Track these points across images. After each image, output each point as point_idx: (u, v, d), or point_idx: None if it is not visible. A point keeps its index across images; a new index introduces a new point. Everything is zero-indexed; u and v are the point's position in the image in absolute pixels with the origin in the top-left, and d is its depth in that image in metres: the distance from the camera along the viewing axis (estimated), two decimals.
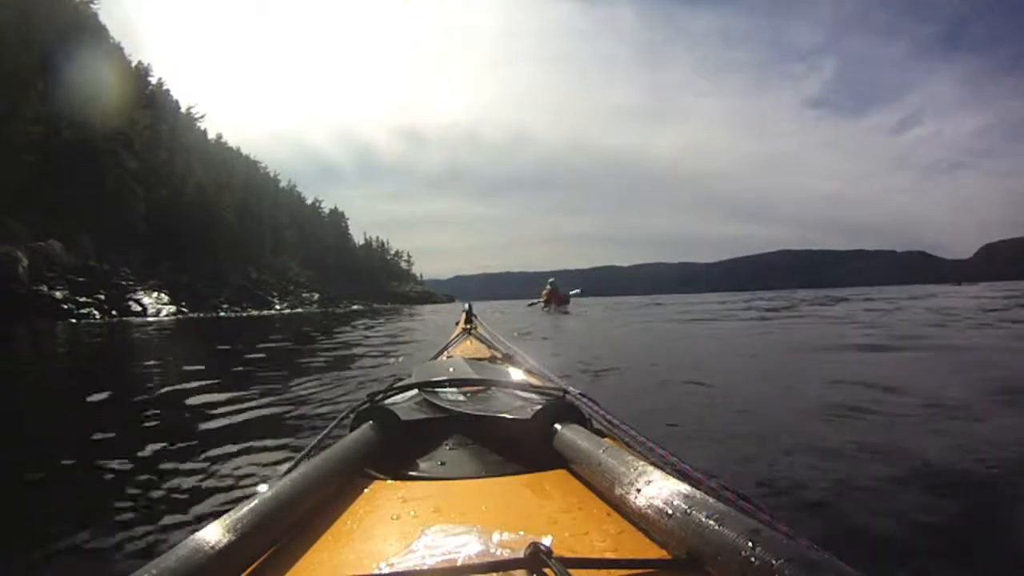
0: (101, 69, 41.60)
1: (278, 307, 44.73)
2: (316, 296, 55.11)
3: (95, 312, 24.70)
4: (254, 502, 0.54)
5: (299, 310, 43.85)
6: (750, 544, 0.41)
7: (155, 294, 30.47)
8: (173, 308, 30.18)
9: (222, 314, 33.83)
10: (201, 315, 30.33)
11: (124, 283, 30.23)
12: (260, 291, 47.11)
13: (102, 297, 26.31)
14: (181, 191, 46.92)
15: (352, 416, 0.86)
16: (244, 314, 34.91)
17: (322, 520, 0.60)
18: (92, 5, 47.82)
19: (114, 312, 25.83)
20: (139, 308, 27.61)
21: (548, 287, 18.68)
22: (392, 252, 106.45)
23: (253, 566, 0.50)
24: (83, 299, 25.10)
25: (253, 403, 3.32)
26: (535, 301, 19.35)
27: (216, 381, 4.21)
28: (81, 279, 26.79)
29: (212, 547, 0.46)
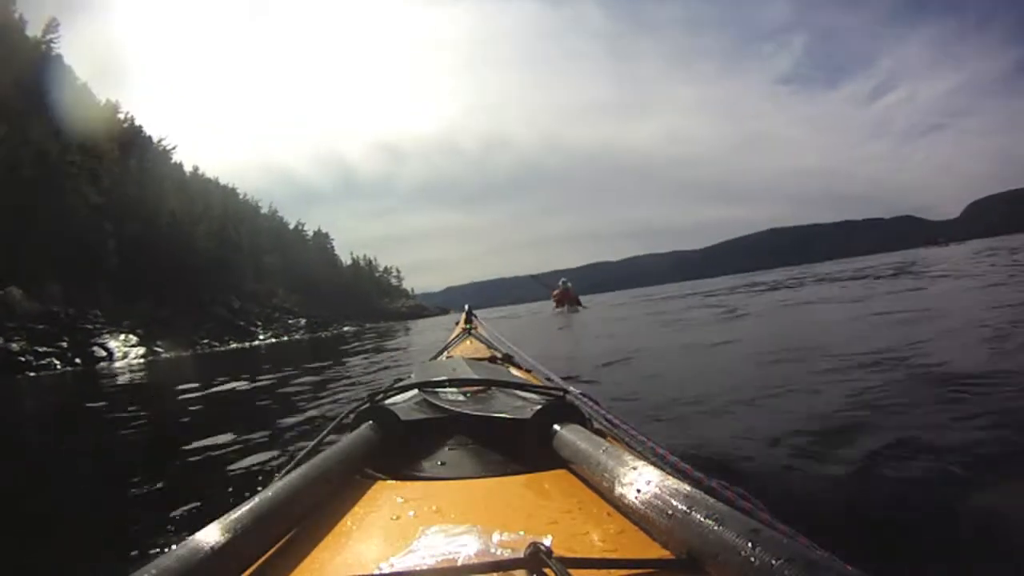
0: (65, 107, 40.73)
1: (262, 337, 43.04)
2: (303, 321, 53.41)
3: (56, 362, 23.07)
4: (254, 502, 0.54)
5: (284, 338, 42.18)
6: (750, 544, 0.41)
7: (122, 336, 28.75)
8: (143, 350, 28.48)
9: (200, 351, 32.17)
10: (177, 354, 28.64)
11: (91, 327, 28.60)
12: (243, 321, 45.41)
13: (64, 345, 24.68)
14: (153, 224, 45.30)
15: (352, 416, 0.86)
16: (224, 348, 33.29)
17: (322, 520, 0.60)
18: (52, 44, 47.12)
19: (77, 360, 24.26)
20: (104, 353, 25.93)
21: (560, 287, 17.52)
22: (381, 269, 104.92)
23: (253, 566, 0.50)
24: (42, 349, 23.46)
25: None
26: (554, 288, 17.76)
27: None
28: (41, 327, 25.18)
29: (212, 547, 0.46)
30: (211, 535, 0.47)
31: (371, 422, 0.80)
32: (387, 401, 0.95)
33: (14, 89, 37.55)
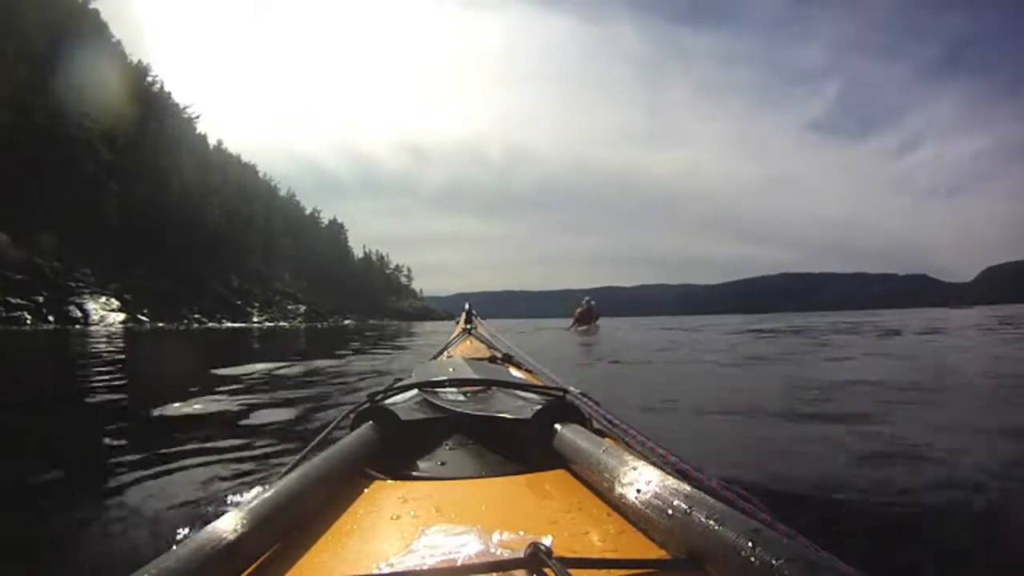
0: (91, 61, 39.78)
1: (256, 320, 41.19)
2: (303, 309, 51.59)
3: (27, 316, 21.24)
4: (254, 502, 0.54)
5: (281, 324, 40.30)
6: (750, 544, 0.41)
7: (103, 299, 26.90)
8: (123, 316, 26.59)
9: (190, 325, 30.33)
10: (163, 326, 26.79)
11: (74, 285, 26.83)
12: (239, 301, 43.63)
13: (40, 300, 22.87)
14: (163, 191, 43.88)
15: (352, 416, 0.85)
16: (214, 327, 31.45)
17: (322, 520, 0.60)
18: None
19: (51, 318, 22.44)
20: (80, 315, 24.10)
21: (584, 305, 16.67)
22: (392, 266, 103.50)
23: (253, 566, 0.50)
24: (15, 301, 21.70)
25: None
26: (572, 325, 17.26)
27: None
28: (19, 277, 23.40)
29: (212, 547, 0.46)
30: (211, 535, 0.47)
31: (371, 422, 0.80)
32: (387, 401, 0.94)
33: (40, 32, 36.42)
